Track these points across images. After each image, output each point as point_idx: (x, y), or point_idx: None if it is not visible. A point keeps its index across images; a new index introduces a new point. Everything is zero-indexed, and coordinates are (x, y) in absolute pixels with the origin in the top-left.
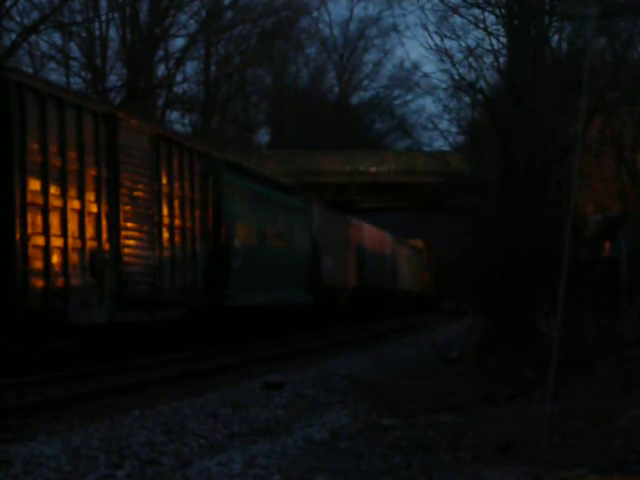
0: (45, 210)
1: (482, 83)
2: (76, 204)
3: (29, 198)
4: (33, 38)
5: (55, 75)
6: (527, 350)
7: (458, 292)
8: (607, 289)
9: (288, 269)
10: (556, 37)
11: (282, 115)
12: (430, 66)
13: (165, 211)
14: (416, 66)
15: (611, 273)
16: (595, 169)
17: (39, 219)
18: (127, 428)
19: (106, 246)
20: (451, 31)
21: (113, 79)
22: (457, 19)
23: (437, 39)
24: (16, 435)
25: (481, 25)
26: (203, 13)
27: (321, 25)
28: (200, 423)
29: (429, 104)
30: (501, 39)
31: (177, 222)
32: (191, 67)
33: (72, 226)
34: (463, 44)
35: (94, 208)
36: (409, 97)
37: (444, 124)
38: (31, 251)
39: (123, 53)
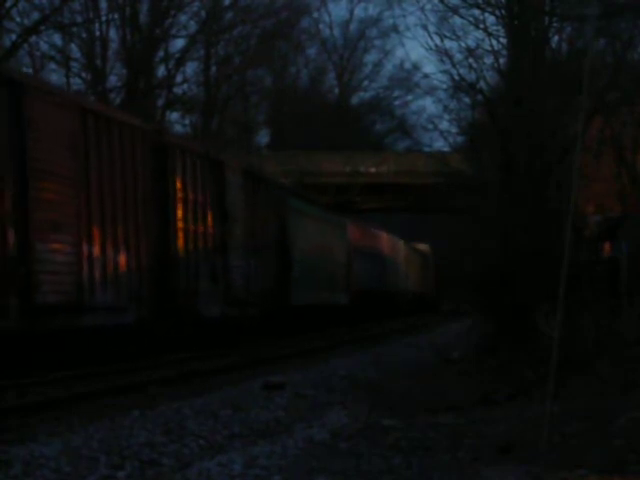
0: (186, 232)
1: (482, 84)
2: (201, 227)
3: (177, 224)
4: (33, 39)
5: (55, 76)
6: (527, 350)
7: (458, 292)
8: (607, 289)
9: (330, 275)
10: (556, 38)
11: (282, 115)
12: (430, 67)
13: (253, 231)
14: (416, 67)
15: (611, 273)
16: (595, 169)
17: (182, 239)
18: (127, 429)
19: (219, 259)
20: (451, 32)
21: (113, 80)
22: (457, 20)
23: (437, 40)
24: (16, 435)
25: (481, 26)
26: (203, 14)
27: (321, 26)
28: (200, 424)
29: (429, 105)
30: (501, 40)
31: (260, 239)
32: (191, 68)
33: (200, 244)
34: (463, 45)
35: (212, 230)
36: (409, 98)
37: (444, 125)
38: (175, 269)
39: (123, 54)
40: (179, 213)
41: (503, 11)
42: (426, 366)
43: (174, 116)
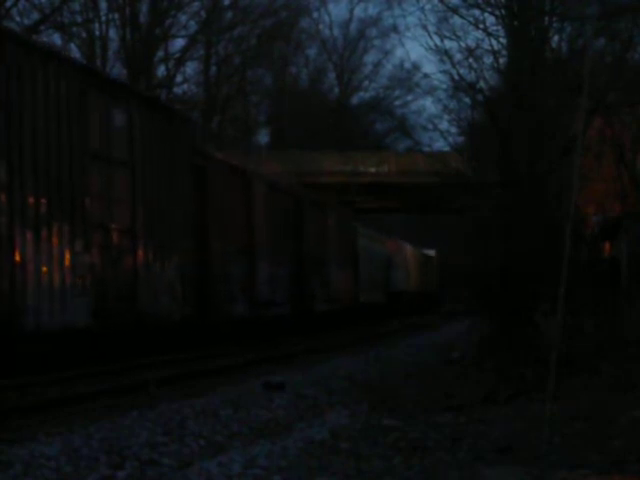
0: (308, 254)
1: (482, 84)
2: (315, 250)
3: (305, 249)
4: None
5: None
6: (527, 350)
7: (459, 292)
8: (607, 289)
9: (376, 280)
10: (556, 38)
11: (282, 115)
12: (430, 67)
13: (339, 250)
14: (416, 67)
15: (611, 273)
16: (595, 169)
17: (308, 259)
18: (127, 429)
19: (323, 271)
20: (451, 32)
21: None
22: (457, 20)
23: (437, 40)
24: (16, 435)
25: (481, 26)
26: (203, 14)
27: (321, 26)
28: (200, 424)
29: (429, 105)
30: (501, 40)
31: (342, 255)
32: (191, 67)
33: (315, 262)
34: (463, 45)
35: (319, 251)
36: (409, 98)
37: (444, 125)
38: (305, 279)
39: (123, 54)
40: (307, 241)
41: (503, 11)
42: (426, 366)
43: None
